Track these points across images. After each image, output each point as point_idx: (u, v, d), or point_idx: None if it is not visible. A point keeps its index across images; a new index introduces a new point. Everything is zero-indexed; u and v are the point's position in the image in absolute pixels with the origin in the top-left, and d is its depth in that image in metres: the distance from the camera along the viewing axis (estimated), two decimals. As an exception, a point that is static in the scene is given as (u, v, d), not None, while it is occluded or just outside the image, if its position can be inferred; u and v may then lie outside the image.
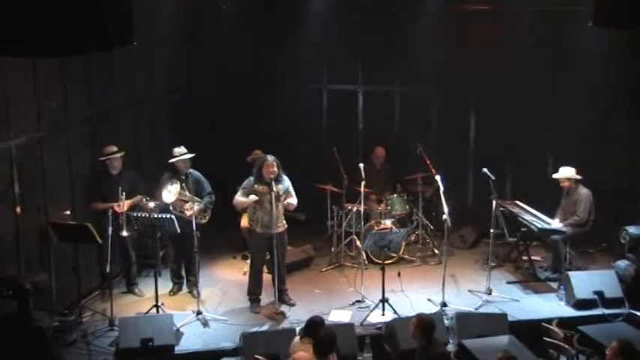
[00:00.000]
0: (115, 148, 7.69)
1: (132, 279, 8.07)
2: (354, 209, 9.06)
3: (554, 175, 8.29)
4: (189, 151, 7.69)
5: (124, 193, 7.39)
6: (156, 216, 7.15)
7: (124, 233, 7.43)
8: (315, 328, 5.52)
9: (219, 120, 9.91)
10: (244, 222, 7.98)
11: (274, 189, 7.08)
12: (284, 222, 7.43)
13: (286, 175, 7.42)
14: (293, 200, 7.34)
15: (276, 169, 7.13)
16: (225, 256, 9.32)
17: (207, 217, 7.82)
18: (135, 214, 7.27)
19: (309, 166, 9.55)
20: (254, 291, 7.55)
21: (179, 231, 7.26)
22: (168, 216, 7.17)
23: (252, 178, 7.26)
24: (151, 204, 7.28)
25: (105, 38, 4.29)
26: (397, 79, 10.39)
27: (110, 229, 7.07)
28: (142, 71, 8.81)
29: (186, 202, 7.59)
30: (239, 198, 7.21)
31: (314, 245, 9.32)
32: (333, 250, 9.22)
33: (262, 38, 9.58)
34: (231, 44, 9.46)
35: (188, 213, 7.45)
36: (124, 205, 7.42)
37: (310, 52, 9.56)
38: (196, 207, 7.52)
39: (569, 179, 8.15)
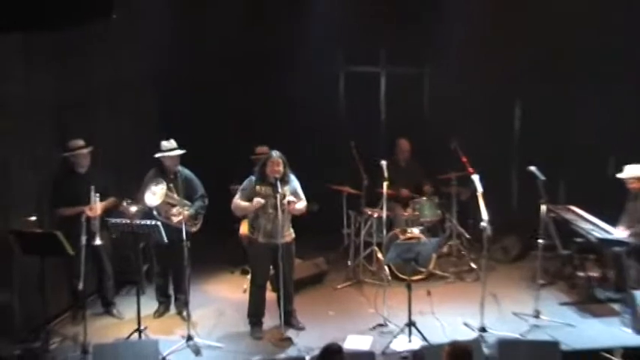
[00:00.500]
0: (81, 142, 7.69)
1: (109, 298, 8.06)
2: (375, 215, 9.11)
3: (620, 175, 8.13)
4: (180, 147, 7.68)
5: (97, 195, 7.40)
6: (139, 222, 7.10)
7: (98, 242, 7.42)
8: (330, 357, 5.48)
9: (216, 110, 10.07)
10: (244, 229, 8.01)
11: (279, 191, 7.06)
12: (291, 230, 7.41)
13: (294, 174, 7.46)
14: (300, 204, 7.28)
15: (281, 167, 7.13)
16: (221, 271, 9.43)
17: (199, 225, 7.81)
18: (113, 221, 7.21)
19: (322, 164, 9.79)
20: (255, 312, 7.54)
21: (166, 240, 7.26)
22: (153, 222, 7.15)
23: (252, 178, 7.24)
24: (133, 208, 7.22)
25: (79, 10, 4.06)
26: (427, 59, 10.54)
27: (84, 239, 7.07)
28: (124, 50, 8.92)
29: (174, 206, 7.59)
30: (239, 202, 7.17)
31: (327, 258, 9.40)
32: (349, 263, 9.31)
33: (264, 13, 9.76)
34: (230, 19, 9.56)
35: (175, 219, 7.48)
36: (97, 208, 7.41)
37: (323, 29, 9.65)
38: (186, 212, 7.48)
39: (638, 179, 8.00)
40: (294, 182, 7.37)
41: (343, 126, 10.51)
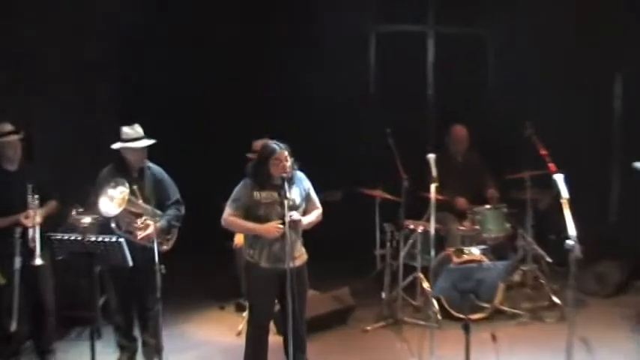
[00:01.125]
0: (9, 127, 7.70)
1: (47, 343, 8.00)
2: (420, 229, 9.17)
3: None
4: (149, 136, 7.65)
5: (36, 197, 7.41)
6: (94, 239, 6.89)
7: (38, 261, 7.35)
8: None
9: (200, 91, 10.40)
10: (239, 239, 8.16)
11: (288, 196, 7.02)
12: (303, 250, 7.36)
13: (305, 172, 7.50)
14: (313, 215, 7.32)
15: (289, 163, 7.14)
16: (206, 306, 9.47)
17: (172, 242, 7.80)
18: (58, 236, 6.98)
19: (348, 161, 10.23)
20: (254, 363, 7.40)
21: (131, 263, 7.03)
22: (114, 239, 6.93)
23: (248, 182, 7.22)
24: (86, 219, 7.32)
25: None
26: (490, 16, 10.60)
27: (18, 261, 7.12)
28: (69, 9, 9.08)
29: (139, 215, 7.51)
30: (237, 220, 7.18)
31: (354, 288, 9.44)
32: (384, 296, 9.35)
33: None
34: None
35: (141, 234, 7.39)
36: (35, 215, 7.42)
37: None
38: (153, 224, 7.43)
39: None
40: (305, 182, 7.41)
41: (374, 107, 10.86)
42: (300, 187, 7.29)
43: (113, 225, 7.44)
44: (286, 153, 7.15)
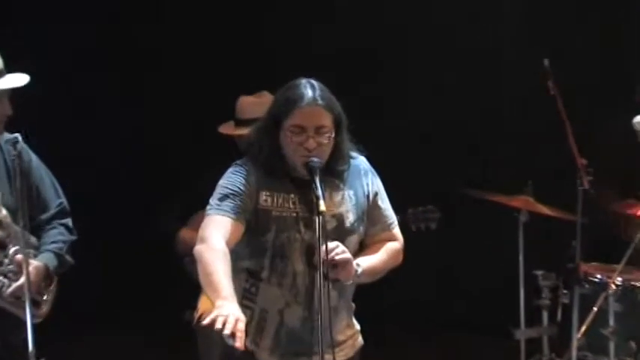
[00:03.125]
0: None
1: None
2: (617, 283, 6.84)
3: None
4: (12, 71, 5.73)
5: None
6: None
7: None
8: None
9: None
10: (206, 305, 6.30)
11: (323, 206, 4.74)
12: (354, 328, 5.21)
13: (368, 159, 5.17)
14: (379, 256, 5.15)
15: (329, 134, 4.85)
16: None
17: (49, 302, 5.66)
18: None
19: (445, 145, 9.01)
20: None
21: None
22: None
23: (246, 169, 5.05)
24: None
25: None
26: None
27: None
28: None
29: None
30: (216, 243, 4.84)
31: None
32: None
33: None
34: None
35: (11, 286, 5.53)
36: None
37: None
38: (29, 262, 5.40)
39: None
40: (370, 177, 5.12)
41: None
42: (359, 189, 5.10)
43: None
44: (324, 111, 4.82)
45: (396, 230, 5.08)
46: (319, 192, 4.58)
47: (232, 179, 4.88)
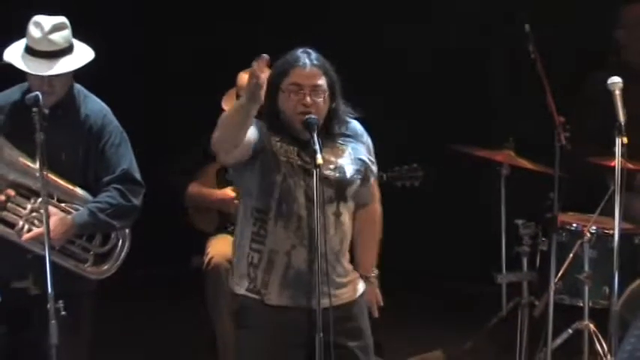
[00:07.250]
0: None
1: None
2: (592, 231, 7.17)
3: None
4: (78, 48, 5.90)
5: None
6: None
7: None
8: None
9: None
10: (215, 250, 6.96)
11: (320, 159, 5.19)
12: (353, 273, 5.53)
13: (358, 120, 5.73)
14: (375, 230, 5.70)
15: (324, 94, 5.34)
16: None
17: (112, 265, 5.97)
18: None
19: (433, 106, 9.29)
20: None
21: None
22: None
23: (257, 121, 5.59)
24: None
25: None
26: None
27: None
28: None
29: (29, 194, 5.93)
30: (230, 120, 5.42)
31: (455, 349, 7.87)
32: None
33: None
34: None
35: (29, 234, 5.77)
36: None
37: None
38: (58, 214, 5.74)
39: None
40: (364, 138, 5.61)
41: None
42: (357, 146, 5.62)
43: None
44: (320, 72, 5.35)
45: (375, 189, 5.55)
46: (317, 146, 4.94)
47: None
